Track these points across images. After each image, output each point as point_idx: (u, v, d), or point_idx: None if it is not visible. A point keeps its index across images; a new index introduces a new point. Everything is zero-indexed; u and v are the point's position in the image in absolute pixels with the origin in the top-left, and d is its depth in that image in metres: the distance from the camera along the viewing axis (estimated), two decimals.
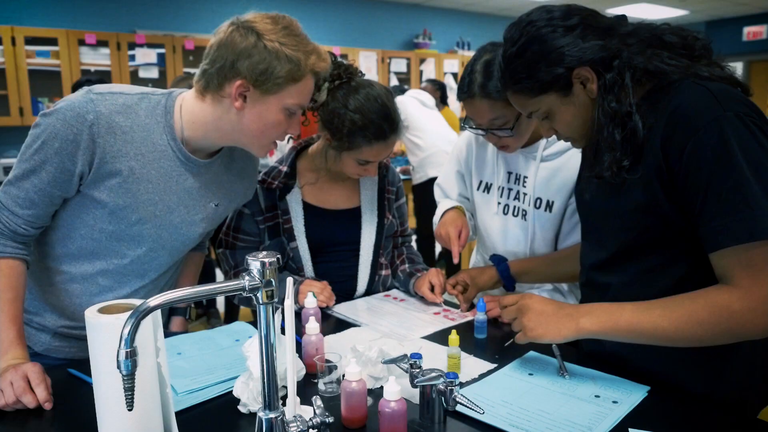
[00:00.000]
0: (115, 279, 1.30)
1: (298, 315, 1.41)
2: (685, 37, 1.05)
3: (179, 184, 1.27)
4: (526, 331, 1.11)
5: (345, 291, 1.65)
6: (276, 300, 0.80)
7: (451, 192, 1.74)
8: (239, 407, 1.02)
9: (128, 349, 0.69)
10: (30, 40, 4.71)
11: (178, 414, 1.01)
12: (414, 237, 4.90)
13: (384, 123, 1.45)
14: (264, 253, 0.78)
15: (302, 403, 1.02)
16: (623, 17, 1.12)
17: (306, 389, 1.12)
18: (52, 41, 4.80)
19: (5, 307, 1.14)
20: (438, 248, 4.95)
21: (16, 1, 4.89)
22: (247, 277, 0.77)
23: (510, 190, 1.58)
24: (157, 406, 0.92)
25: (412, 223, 5.17)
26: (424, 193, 4.26)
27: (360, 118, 1.43)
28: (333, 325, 1.48)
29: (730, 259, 0.93)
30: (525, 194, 1.54)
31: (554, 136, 1.19)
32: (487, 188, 1.64)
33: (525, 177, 1.54)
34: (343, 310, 1.57)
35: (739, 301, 0.92)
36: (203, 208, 1.33)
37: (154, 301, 0.72)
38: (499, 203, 1.60)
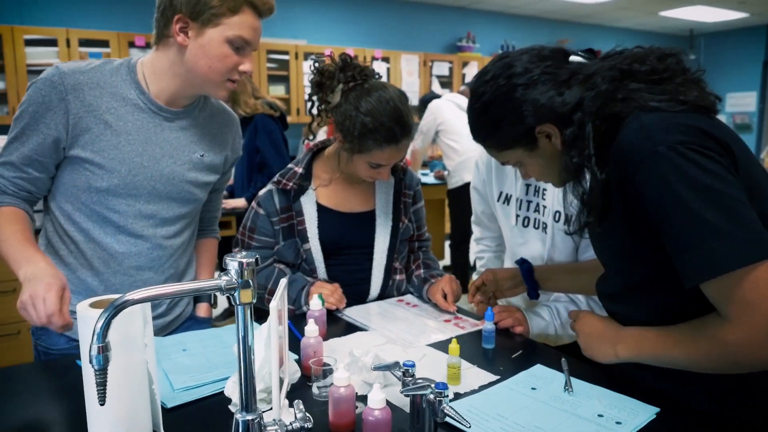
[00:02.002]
0: (131, 243, 1.37)
1: (304, 317, 1.41)
2: (651, 61, 0.97)
3: (158, 134, 1.35)
4: (583, 349, 1.15)
5: (358, 294, 1.64)
6: (255, 300, 0.79)
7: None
8: (230, 407, 1.02)
9: (100, 344, 0.70)
10: (83, 42, 4.90)
11: (171, 410, 1.03)
12: (447, 242, 4.90)
13: (396, 126, 1.43)
14: (243, 253, 0.78)
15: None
16: (590, 51, 1.07)
17: (302, 392, 1.11)
18: (104, 43, 4.99)
19: (17, 234, 1.23)
20: (473, 254, 4.88)
21: (71, 4, 5.12)
22: (224, 277, 0.76)
23: (529, 202, 1.55)
24: (145, 401, 0.92)
25: (446, 228, 5.11)
26: (460, 198, 4.20)
27: (371, 121, 1.41)
28: (342, 328, 1.47)
29: (710, 292, 0.88)
30: (544, 207, 1.50)
31: None
32: (507, 200, 1.60)
33: (544, 189, 1.50)
34: (353, 313, 1.55)
35: (731, 333, 0.85)
36: (188, 158, 1.41)
37: (131, 296, 0.72)
38: (518, 215, 1.56)
